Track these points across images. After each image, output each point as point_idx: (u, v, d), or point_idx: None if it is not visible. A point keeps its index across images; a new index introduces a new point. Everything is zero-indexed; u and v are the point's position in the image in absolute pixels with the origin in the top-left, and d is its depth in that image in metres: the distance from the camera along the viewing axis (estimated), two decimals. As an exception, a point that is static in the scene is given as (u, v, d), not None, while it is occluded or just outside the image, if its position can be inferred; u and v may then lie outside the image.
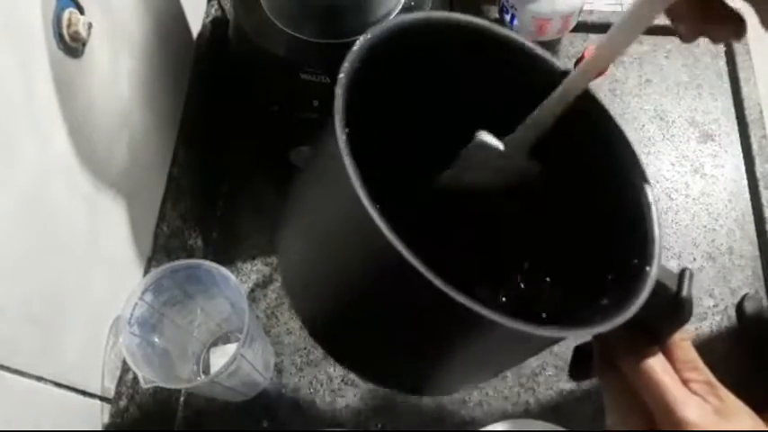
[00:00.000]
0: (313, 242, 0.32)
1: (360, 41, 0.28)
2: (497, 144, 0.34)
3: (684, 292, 0.30)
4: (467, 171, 0.36)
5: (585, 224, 0.35)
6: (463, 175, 0.36)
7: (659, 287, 0.29)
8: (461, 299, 0.23)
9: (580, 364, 0.37)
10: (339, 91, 0.27)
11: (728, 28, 0.29)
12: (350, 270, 0.29)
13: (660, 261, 0.30)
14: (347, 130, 0.26)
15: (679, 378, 0.32)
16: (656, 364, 0.31)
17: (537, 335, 0.26)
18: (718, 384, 0.32)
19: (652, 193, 0.32)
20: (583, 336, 0.27)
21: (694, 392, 0.31)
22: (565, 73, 0.32)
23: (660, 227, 0.31)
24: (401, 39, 0.30)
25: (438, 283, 0.23)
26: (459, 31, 0.33)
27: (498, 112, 0.33)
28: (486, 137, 0.33)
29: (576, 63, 0.72)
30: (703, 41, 0.33)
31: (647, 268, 0.29)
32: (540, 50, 0.34)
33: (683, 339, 0.33)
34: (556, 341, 0.31)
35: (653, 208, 0.31)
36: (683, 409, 0.30)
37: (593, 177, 0.35)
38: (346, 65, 0.28)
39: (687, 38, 0.30)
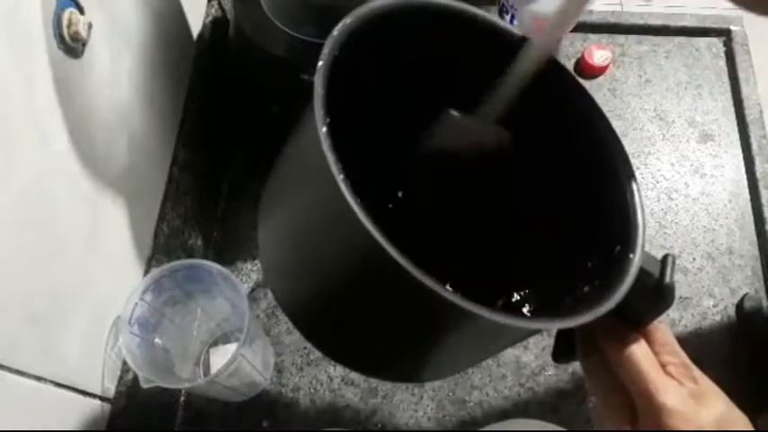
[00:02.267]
0: (293, 232, 0.31)
1: (336, 31, 0.29)
2: (469, 118, 0.33)
3: (667, 279, 0.30)
4: (443, 147, 0.36)
5: (567, 211, 0.35)
6: (441, 151, 0.36)
7: (642, 273, 0.29)
8: (445, 293, 0.23)
9: (563, 347, 0.37)
10: (319, 80, 0.27)
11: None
12: (330, 258, 0.28)
13: (643, 247, 0.30)
14: (328, 119, 0.26)
15: (658, 361, 0.32)
16: (637, 350, 0.32)
17: (520, 327, 0.26)
18: (693, 366, 0.33)
19: (635, 179, 0.32)
20: (567, 326, 0.27)
21: (671, 375, 0.32)
22: (524, 38, 0.33)
23: (643, 213, 0.31)
24: (374, 25, 0.30)
25: (417, 274, 0.23)
26: (427, 12, 0.33)
27: (474, 90, 0.33)
28: (455, 112, 0.34)
29: (577, 63, 0.72)
30: (704, 42, 0.33)
31: (631, 255, 0.29)
32: (501, 23, 0.34)
33: (661, 322, 0.33)
34: (538, 331, 0.31)
35: (636, 194, 0.31)
36: (663, 396, 0.31)
37: (575, 164, 0.35)
38: (326, 51, 0.28)
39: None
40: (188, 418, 0.57)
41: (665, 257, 0.31)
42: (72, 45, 0.42)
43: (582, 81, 0.72)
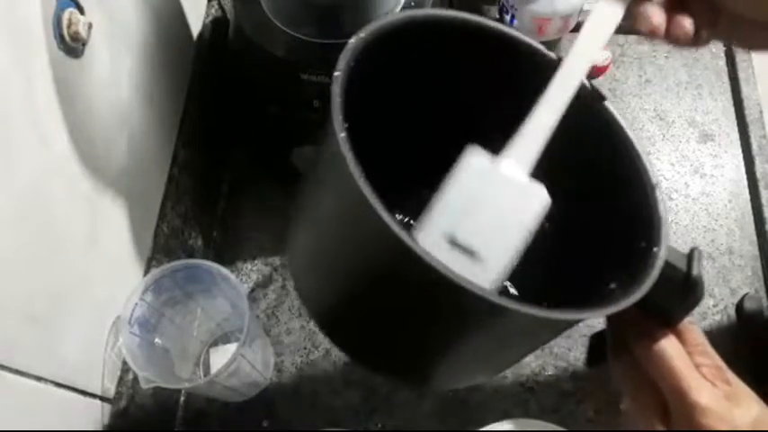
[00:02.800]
0: (320, 237, 0.31)
1: (354, 40, 0.28)
2: (487, 163, 0.29)
3: (695, 272, 0.30)
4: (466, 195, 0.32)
5: (592, 212, 0.35)
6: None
7: (669, 268, 0.29)
8: (473, 287, 0.23)
9: (596, 353, 0.36)
10: (336, 89, 0.27)
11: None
12: (355, 260, 0.28)
13: (668, 242, 0.29)
14: (347, 124, 0.26)
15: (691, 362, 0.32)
16: (669, 348, 0.32)
17: (552, 318, 0.26)
18: (727, 368, 0.33)
19: (654, 174, 0.32)
20: (596, 316, 0.27)
21: (704, 377, 0.32)
22: (558, 60, 0.31)
23: (665, 207, 0.31)
24: (392, 36, 0.30)
25: (443, 269, 0.22)
26: (447, 27, 0.32)
27: (498, 107, 0.32)
28: (475, 156, 0.29)
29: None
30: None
31: (655, 249, 0.29)
32: (533, 42, 0.33)
33: (692, 323, 0.33)
34: (570, 325, 0.31)
35: (657, 189, 0.31)
36: (696, 395, 0.30)
37: (597, 166, 0.35)
38: (342, 62, 0.28)
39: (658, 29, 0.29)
40: (188, 419, 0.57)
41: (692, 251, 0.30)
42: (72, 45, 0.42)
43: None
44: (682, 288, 0.30)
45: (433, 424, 0.56)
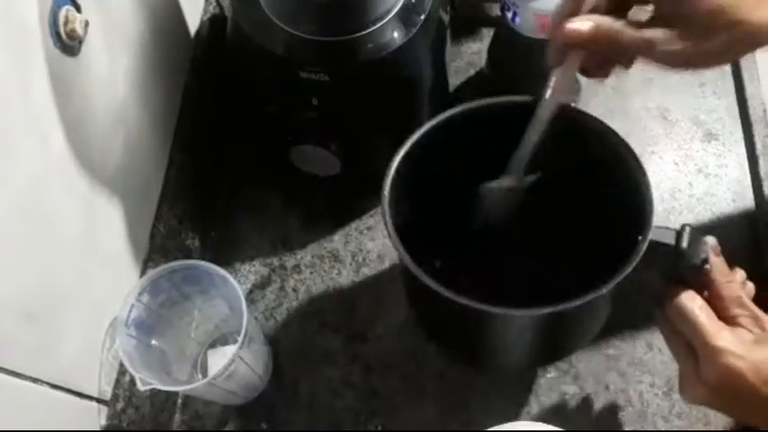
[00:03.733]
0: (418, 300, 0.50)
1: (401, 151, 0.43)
2: (500, 182, 0.45)
3: (684, 244, 0.38)
4: (488, 212, 0.47)
5: (592, 218, 0.44)
6: (488, 216, 0.48)
7: (659, 245, 0.38)
8: (483, 307, 0.38)
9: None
10: (385, 194, 0.42)
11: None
12: (437, 303, 0.41)
13: (651, 226, 0.38)
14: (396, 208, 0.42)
15: (728, 314, 0.39)
16: (689, 304, 0.39)
17: (536, 314, 0.39)
18: (765, 318, 0.39)
19: (642, 168, 0.42)
20: (580, 302, 0.37)
21: (740, 325, 0.39)
22: (535, 101, 0.42)
23: (651, 196, 0.40)
24: (433, 134, 0.45)
25: (472, 303, 0.38)
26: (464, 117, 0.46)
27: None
28: (490, 184, 0.46)
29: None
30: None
31: (640, 237, 0.38)
32: (521, 97, 0.45)
33: (729, 281, 0.40)
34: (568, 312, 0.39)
35: (649, 188, 0.40)
36: (714, 339, 0.37)
37: (597, 176, 0.44)
38: (391, 169, 0.43)
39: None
40: (185, 421, 0.57)
41: (683, 227, 0.39)
42: (69, 43, 0.41)
43: (584, 80, 0.71)
44: (674, 258, 0.39)
45: (434, 426, 0.55)
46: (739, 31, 0.35)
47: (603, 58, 0.40)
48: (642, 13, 0.39)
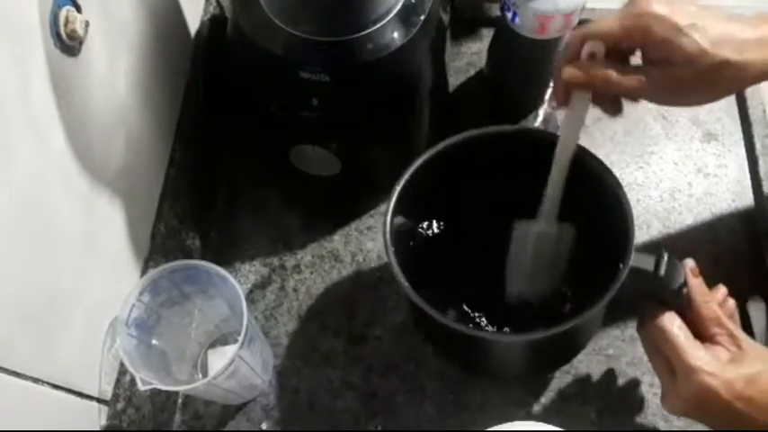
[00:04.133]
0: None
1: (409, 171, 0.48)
2: (534, 225, 0.48)
3: (661, 271, 0.41)
4: (516, 254, 0.50)
5: (592, 254, 0.46)
6: (515, 257, 0.51)
7: (639, 272, 0.41)
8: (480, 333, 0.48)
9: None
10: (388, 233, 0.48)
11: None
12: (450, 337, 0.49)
13: (630, 257, 0.42)
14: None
15: (707, 333, 0.42)
16: (667, 324, 0.42)
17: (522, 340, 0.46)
18: (741, 336, 0.42)
19: (627, 200, 0.44)
20: (593, 314, 0.42)
21: (718, 343, 0.42)
22: (554, 141, 0.44)
23: (632, 230, 0.43)
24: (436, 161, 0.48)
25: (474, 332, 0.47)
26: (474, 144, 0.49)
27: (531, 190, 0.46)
28: (522, 223, 0.49)
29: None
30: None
31: (621, 265, 0.41)
32: (535, 129, 0.53)
33: (707, 301, 0.43)
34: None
35: (629, 214, 0.43)
36: (689, 358, 0.40)
37: (592, 209, 0.46)
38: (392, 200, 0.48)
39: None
40: (186, 421, 0.57)
41: (659, 256, 0.42)
42: (69, 43, 0.41)
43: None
44: (653, 284, 0.42)
45: (434, 426, 0.55)
46: (725, 71, 0.37)
47: (610, 95, 0.43)
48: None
